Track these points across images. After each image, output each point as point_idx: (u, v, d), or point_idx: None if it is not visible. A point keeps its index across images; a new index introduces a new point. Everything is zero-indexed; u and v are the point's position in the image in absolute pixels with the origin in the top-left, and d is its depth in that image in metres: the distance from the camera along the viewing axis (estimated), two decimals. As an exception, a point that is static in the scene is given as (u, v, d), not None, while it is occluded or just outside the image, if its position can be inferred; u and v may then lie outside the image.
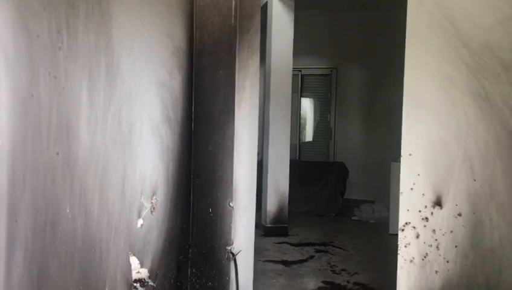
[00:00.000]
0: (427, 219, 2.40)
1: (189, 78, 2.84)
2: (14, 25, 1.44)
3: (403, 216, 2.44)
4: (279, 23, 6.13)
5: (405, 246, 2.43)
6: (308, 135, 9.39)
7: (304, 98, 9.27)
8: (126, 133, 2.17)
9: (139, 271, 2.32)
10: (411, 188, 2.41)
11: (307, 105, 9.35)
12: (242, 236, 2.95)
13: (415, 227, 2.41)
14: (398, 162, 2.55)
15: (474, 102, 2.32)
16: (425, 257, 2.40)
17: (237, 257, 2.88)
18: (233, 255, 2.85)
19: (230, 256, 2.85)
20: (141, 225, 2.34)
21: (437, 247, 2.38)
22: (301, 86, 9.14)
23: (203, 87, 2.88)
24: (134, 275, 2.29)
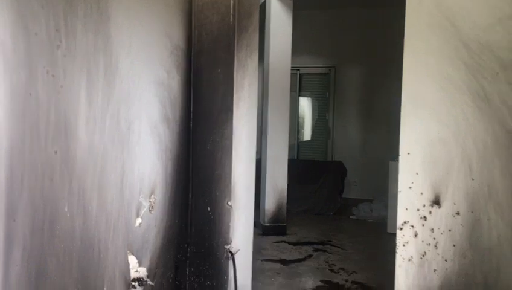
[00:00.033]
0: (425, 217, 2.40)
1: (187, 77, 2.84)
2: (13, 23, 1.44)
3: (401, 215, 2.44)
4: (278, 22, 6.13)
5: (403, 245, 2.43)
6: (307, 134, 9.39)
7: (302, 97, 9.27)
8: (125, 132, 2.16)
9: (137, 270, 2.32)
10: (409, 187, 2.42)
11: (305, 104, 9.35)
12: (240, 235, 2.95)
13: (413, 226, 2.42)
14: (396, 161, 2.56)
15: (473, 101, 2.33)
16: (424, 255, 2.40)
17: (236, 256, 2.88)
18: (232, 254, 2.86)
19: (229, 255, 2.85)
20: (140, 224, 2.34)
21: (435, 246, 2.39)
22: (299, 85, 9.14)
23: (201, 86, 2.87)
24: (133, 274, 2.29)
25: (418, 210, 2.41)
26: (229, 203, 2.83)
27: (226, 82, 2.82)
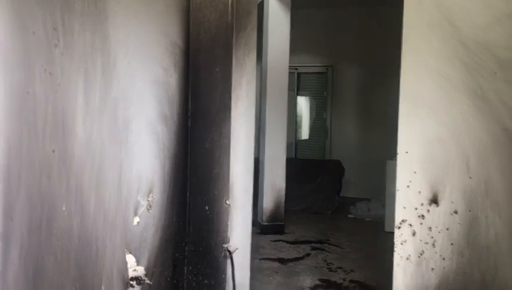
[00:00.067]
0: (423, 216, 2.40)
1: (185, 76, 2.83)
2: (10, 21, 1.43)
3: (399, 214, 2.44)
4: (276, 20, 6.12)
5: (401, 244, 2.44)
6: (305, 133, 9.40)
7: (300, 97, 9.27)
8: (122, 131, 2.16)
9: (135, 269, 2.32)
10: (407, 186, 2.42)
11: (303, 103, 9.35)
12: (239, 234, 2.95)
13: (411, 225, 2.42)
14: (394, 160, 2.56)
15: (471, 100, 2.33)
16: (422, 254, 2.41)
17: (234, 255, 2.88)
18: (230, 252, 2.85)
19: (227, 254, 2.85)
20: (137, 223, 2.34)
21: (433, 244, 2.39)
22: (297, 84, 9.14)
23: (199, 84, 2.87)
24: (131, 273, 2.29)
25: (416, 209, 2.42)
26: (227, 202, 2.83)
27: (224, 80, 2.82)
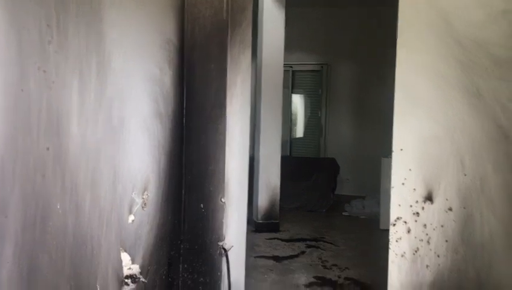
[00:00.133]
0: (418, 213, 2.41)
1: (180, 73, 2.82)
2: (3, 18, 1.42)
3: (394, 211, 2.45)
4: (270, 18, 6.11)
5: (396, 241, 2.44)
6: (299, 131, 9.40)
7: (295, 94, 9.27)
8: (117, 129, 2.15)
9: (130, 267, 2.31)
10: (402, 183, 2.42)
11: (298, 101, 9.35)
12: (234, 231, 2.95)
13: (406, 222, 2.43)
14: (389, 158, 2.56)
15: (466, 98, 2.34)
16: (416, 251, 2.41)
17: (229, 253, 2.87)
18: (225, 250, 2.85)
19: (222, 251, 2.84)
20: (132, 221, 2.33)
21: (428, 241, 2.40)
22: (292, 82, 9.14)
23: (194, 81, 2.86)
24: (126, 271, 2.28)
25: (410, 206, 2.42)
26: (223, 199, 2.83)
27: (219, 78, 2.81)
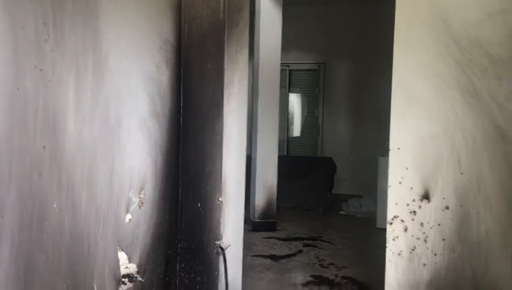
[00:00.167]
0: (415, 212, 2.41)
1: (177, 72, 2.82)
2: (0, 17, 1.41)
3: (391, 210, 2.45)
4: (267, 17, 6.11)
5: (393, 240, 2.45)
6: (296, 130, 9.41)
7: (292, 94, 9.27)
8: (114, 128, 2.14)
9: (127, 266, 2.31)
10: (399, 182, 2.43)
11: (295, 100, 9.36)
12: (231, 231, 2.95)
13: (403, 220, 2.43)
14: (386, 157, 2.57)
15: (462, 97, 2.34)
16: (413, 250, 2.42)
17: (226, 252, 2.87)
18: (223, 249, 2.85)
19: (220, 251, 2.84)
20: (129, 220, 2.32)
21: (425, 240, 2.40)
22: (289, 81, 9.15)
23: (191, 80, 2.85)
24: (123, 271, 2.28)
25: (407, 205, 2.43)
26: (220, 199, 2.83)
27: (216, 77, 2.81)
